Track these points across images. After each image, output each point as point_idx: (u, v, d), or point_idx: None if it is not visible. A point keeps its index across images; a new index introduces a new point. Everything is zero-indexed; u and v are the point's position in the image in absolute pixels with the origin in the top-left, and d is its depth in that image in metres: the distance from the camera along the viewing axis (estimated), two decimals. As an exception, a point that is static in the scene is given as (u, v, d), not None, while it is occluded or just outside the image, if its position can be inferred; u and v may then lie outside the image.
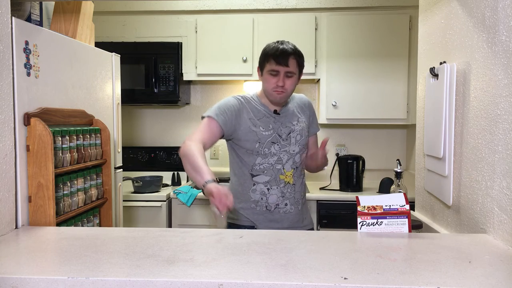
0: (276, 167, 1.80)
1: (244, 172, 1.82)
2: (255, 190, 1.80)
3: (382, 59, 3.05)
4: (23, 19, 1.58)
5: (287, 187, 1.82)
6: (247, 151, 1.80)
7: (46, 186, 1.49)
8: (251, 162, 1.80)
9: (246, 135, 1.79)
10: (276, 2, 3.18)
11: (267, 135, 1.80)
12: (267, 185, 1.80)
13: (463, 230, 1.43)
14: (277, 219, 1.81)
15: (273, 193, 1.80)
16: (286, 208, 1.82)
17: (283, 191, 1.81)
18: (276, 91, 1.78)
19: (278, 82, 1.76)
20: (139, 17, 3.24)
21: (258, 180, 1.80)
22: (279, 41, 1.83)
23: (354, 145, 3.48)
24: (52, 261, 1.10)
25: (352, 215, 2.78)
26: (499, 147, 1.20)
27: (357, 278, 0.94)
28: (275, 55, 1.76)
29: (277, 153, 1.81)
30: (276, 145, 1.81)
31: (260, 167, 1.80)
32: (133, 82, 3.13)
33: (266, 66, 1.79)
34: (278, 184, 1.80)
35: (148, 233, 1.32)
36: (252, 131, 1.79)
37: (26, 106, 1.49)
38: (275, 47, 1.79)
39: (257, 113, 1.83)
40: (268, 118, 1.83)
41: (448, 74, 1.47)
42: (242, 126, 1.79)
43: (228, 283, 0.93)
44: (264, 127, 1.81)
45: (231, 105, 1.81)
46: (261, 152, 1.79)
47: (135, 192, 2.95)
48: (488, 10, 1.26)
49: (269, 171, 1.80)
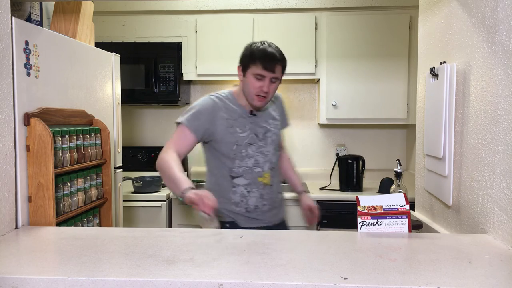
0: (254, 170, 1.79)
1: (223, 173, 1.80)
2: (236, 192, 1.78)
3: (382, 59, 3.05)
4: (23, 19, 1.58)
5: (265, 189, 1.81)
6: (224, 154, 1.78)
7: (46, 186, 1.49)
8: (230, 164, 1.78)
9: (224, 137, 1.76)
10: (276, 2, 3.18)
11: (243, 136, 1.78)
12: (247, 188, 1.78)
13: (463, 230, 1.43)
14: (256, 218, 1.81)
15: (253, 195, 1.79)
16: (265, 208, 1.82)
17: (262, 193, 1.80)
18: (258, 96, 1.74)
19: (263, 87, 1.72)
20: (139, 17, 3.24)
21: (238, 183, 1.78)
22: (263, 42, 1.77)
23: (354, 145, 3.48)
24: (52, 261, 1.10)
25: (352, 215, 2.78)
26: (499, 147, 1.20)
27: (357, 278, 0.94)
28: (263, 59, 1.70)
29: (254, 155, 1.79)
30: (253, 146, 1.79)
31: (239, 170, 1.78)
32: (133, 82, 3.13)
33: (252, 68, 1.72)
34: (257, 186, 1.79)
35: (148, 233, 1.32)
36: (229, 132, 1.76)
37: (26, 106, 1.49)
38: (263, 49, 1.72)
39: (232, 113, 1.79)
40: (244, 119, 1.80)
41: (448, 74, 1.47)
42: (218, 128, 1.76)
43: (228, 283, 0.93)
44: (240, 128, 1.78)
45: (206, 108, 1.77)
46: (238, 155, 1.77)
47: (135, 192, 2.95)
48: (488, 10, 1.26)
49: (248, 174, 1.78)
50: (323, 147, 3.51)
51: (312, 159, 3.51)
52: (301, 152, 3.51)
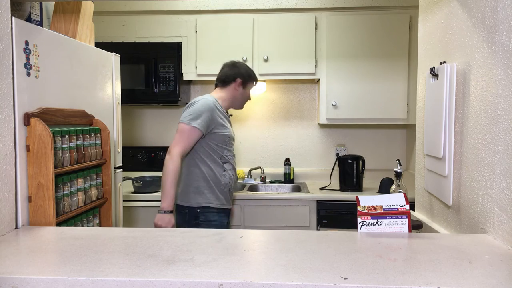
0: (233, 159, 2.35)
1: (215, 160, 2.25)
2: (225, 175, 2.28)
3: (382, 59, 3.05)
4: (23, 19, 1.58)
5: (235, 173, 2.41)
6: (217, 144, 2.23)
7: (46, 186, 1.49)
8: (221, 153, 2.26)
9: (221, 130, 2.23)
10: (276, 2, 3.18)
11: (230, 131, 2.32)
12: (232, 172, 2.32)
13: (463, 230, 1.43)
14: (230, 198, 2.37)
15: (234, 178, 2.35)
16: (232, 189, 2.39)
17: (236, 177, 2.42)
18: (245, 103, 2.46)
19: (249, 98, 2.46)
20: (139, 17, 3.24)
21: (226, 167, 2.29)
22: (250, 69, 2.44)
23: (354, 145, 3.48)
24: (52, 261, 1.10)
25: (352, 215, 2.79)
26: (499, 147, 1.20)
27: (357, 278, 0.94)
28: (256, 79, 2.45)
29: (232, 148, 2.35)
30: (232, 140, 2.35)
31: (228, 157, 2.29)
32: (133, 82, 3.13)
33: (250, 85, 2.41)
34: (235, 171, 2.38)
35: (148, 233, 1.32)
36: (223, 126, 2.25)
37: (26, 106, 1.49)
38: (254, 72, 2.43)
39: (221, 113, 2.28)
40: (227, 119, 2.34)
41: (448, 74, 1.47)
42: (216, 120, 2.21)
43: (228, 283, 0.93)
44: (227, 125, 2.31)
45: (210, 108, 2.20)
46: (228, 144, 2.28)
47: (135, 192, 2.95)
48: (488, 10, 1.26)
49: (233, 160, 2.34)
50: (323, 147, 3.51)
51: (312, 159, 3.51)
52: (301, 152, 3.51)
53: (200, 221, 2.21)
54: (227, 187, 2.29)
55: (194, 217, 2.20)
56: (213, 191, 2.24)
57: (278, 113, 3.53)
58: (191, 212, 2.21)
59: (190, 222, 2.20)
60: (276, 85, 3.51)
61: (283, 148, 3.53)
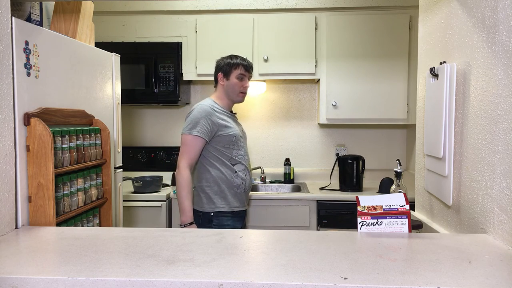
0: (245, 157, 2.28)
1: (224, 162, 2.21)
2: (237, 176, 2.23)
3: (382, 59, 3.05)
4: (23, 19, 1.58)
5: (250, 173, 2.34)
6: (224, 146, 2.20)
7: (46, 186, 1.49)
8: (230, 154, 2.21)
9: (225, 131, 2.19)
10: (276, 2, 3.18)
11: (235, 129, 2.25)
12: (244, 172, 2.27)
13: (463, 230, 1.43)
14: (246, 199, 2.32)
15: (247, 178, 2.29)
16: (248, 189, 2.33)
17: (250, 176, 2.34)
18: (242, 93, 2.28)
19: (245, 84, 2.27)
20: (139, 17, 3.24)
21: (237, 169, 2.24)
22: (235, 55, 2.30)
23: (354, 145, 3.48)
24: (52, 261, 1.10)
25: (352, 215, 2.79)
26: (499, 147, 1.20)
27: (357, 278, 0.94)
28: (243, 63, 2.27)
29: (243, 146, 2.28)
30: (242, 138, 2.29)
31: (237, 157, 2.23)
32: (133, 82, 3.13)
33: (234, 72, 2.25)
34: (249, 170, 2.32)
35: (148, 233, 1.32)
36: (226, 127, 2.20)
37: (26, 106, 1.49)
38: (236, 57, 2.29)
39: (221, 114, 2.24)
40: (230, 118, 2.28)
41: (448, 74, 1.47)
42: (217, 123, 2.18)
43: (228, 283, 0.93)
44: (231, 124, 2.24)
45: (207, 113, 2.17)
46: (236, 144, 2.22)
47: (135, 192, 2.95)
48: (488, 10, 1.26)
49: (244, 160, 2.27)
50: (323, 147, 3.51)
51: (312, 159, 3.51)
52: (301, 152, 3.51)
53: (213, 225, 2.22)
54: (240, 189, 2.25)
55: (208, 221, 2.22)
56: (225, 195, 2.21)
57: (278, 113, 3.53)
58: (205, 216, 2.23)
59: (204, 226, 2.22)
60: (276, 85, 3.51)
61: (283, 148, 3.53)
